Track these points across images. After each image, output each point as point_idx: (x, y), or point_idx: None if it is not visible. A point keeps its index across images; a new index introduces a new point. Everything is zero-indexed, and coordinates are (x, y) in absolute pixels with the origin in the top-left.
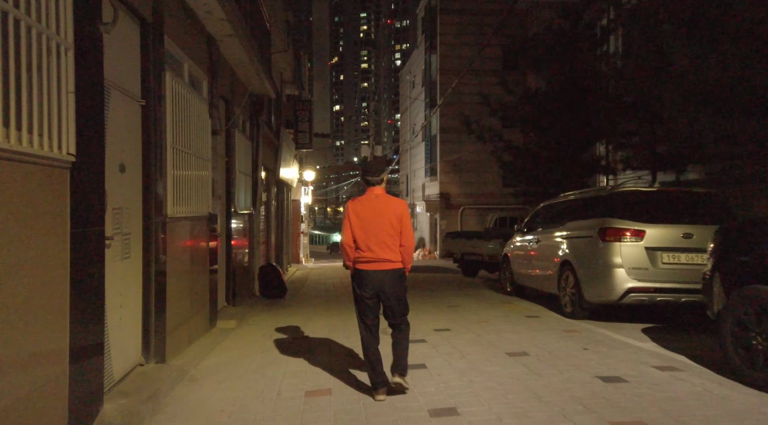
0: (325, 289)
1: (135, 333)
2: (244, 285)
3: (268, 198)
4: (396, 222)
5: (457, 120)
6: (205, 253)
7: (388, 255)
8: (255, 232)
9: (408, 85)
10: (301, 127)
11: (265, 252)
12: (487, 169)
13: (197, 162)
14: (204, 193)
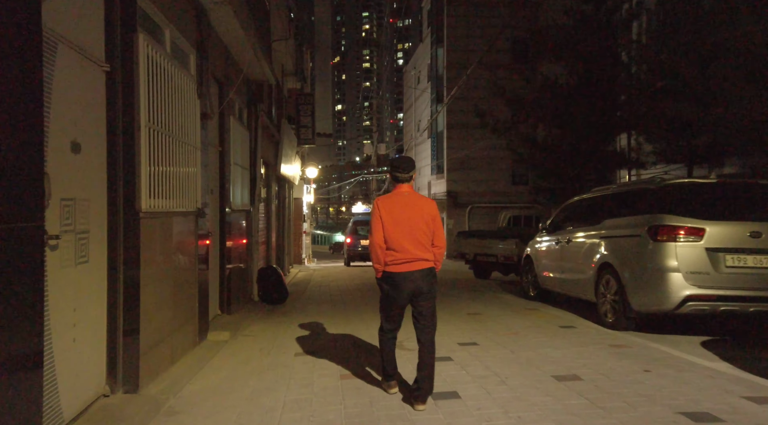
0: (329, 293)
1: (96, 356)
2: (241, 290)
3: (268, 195)
4: (430, 221)
5: (465, 115)
6: (193, 255)
7: (423, 254)
8: (253, 231)
9: (413, 81)
10: (303, 121)
11: (265, 253)
12: (496, 167)
13: (183, 148)
14: (192, 185)
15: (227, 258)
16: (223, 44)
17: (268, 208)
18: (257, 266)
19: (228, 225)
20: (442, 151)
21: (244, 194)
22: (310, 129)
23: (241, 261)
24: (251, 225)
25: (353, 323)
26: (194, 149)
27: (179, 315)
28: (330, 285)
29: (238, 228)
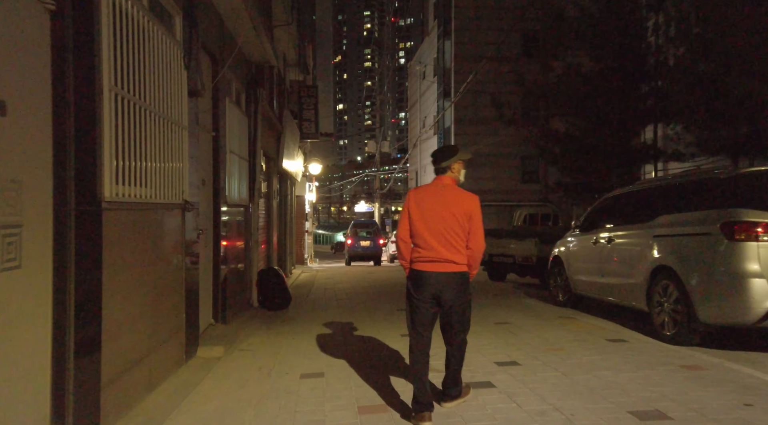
0: (335, 296)
1: (34, 393)
2: (239, 295)
3: (269, 190)
4: (464, 220)
5: (473, 110)
6: (180, 257)
7: (452, 256)
8: (252, 230)
9: (418, 76)
10: (306, 115)
11: (266, 254)
12: (504, 164)
13: (165, 127)
14: (177, 172)
15: (222, 260)
16: (217, 13)
17: (268, 204)
18: (256, 268)
19: (223, 222)
20: None
21: (242, 188)
22: (313, 123)
23: (238, 262)
24: (250, 222)
25: (367, 333)
26: (180, 129)
27: (161, 329)
28: (336, 288)
29: (235, 225)
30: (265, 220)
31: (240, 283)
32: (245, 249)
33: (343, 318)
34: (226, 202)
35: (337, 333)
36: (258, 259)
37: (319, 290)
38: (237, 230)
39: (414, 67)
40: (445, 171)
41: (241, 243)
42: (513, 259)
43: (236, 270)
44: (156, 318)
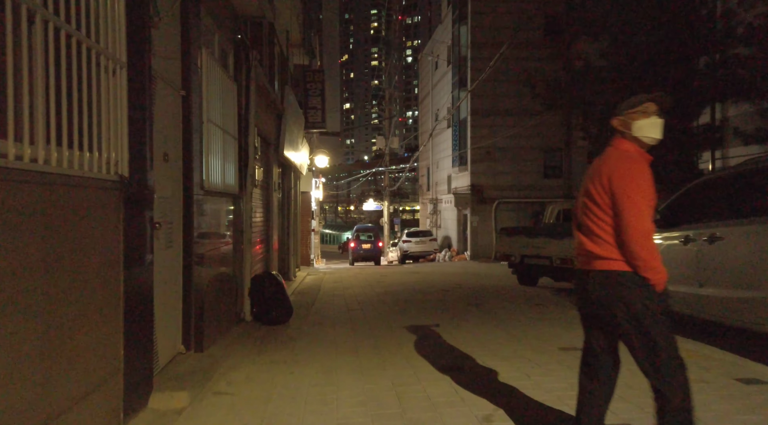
0: (346, 306)
1: None
2: (223, 308)
3: (267, 181)
4: (602, 192)
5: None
6: (113, 263)
7: (593, 247)
8: (244, 226)
9: (430, 67)
10: (312, 102)
11: (264, 255)
12: (525, 157)
13: (83, 56)
14: (106, 132)
15: (197, 264)
16: None
17: (267, 197)
18: (250, 273)
19: (199, 213)
20: (465, 141)
21: (228, 172)
22: (320, 111)
23: (222, 266)
24: (241, 217)
25: (395, 364)
26: (115, 66)
27: (72, 378)
28: (345, 294)
29: (218, 219)
30: (263, 216)
31: (225, 294)
32: (234, 250)
33: (357, 339)
34: (203, 187)
35: (352, 364)
36: (252, 262)
37: (327, 297)
38: (221, 226)
39: (426, 58)
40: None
41: (226, 242)
42: (549, 261)
43: (219, 277)
44: (58, 362)
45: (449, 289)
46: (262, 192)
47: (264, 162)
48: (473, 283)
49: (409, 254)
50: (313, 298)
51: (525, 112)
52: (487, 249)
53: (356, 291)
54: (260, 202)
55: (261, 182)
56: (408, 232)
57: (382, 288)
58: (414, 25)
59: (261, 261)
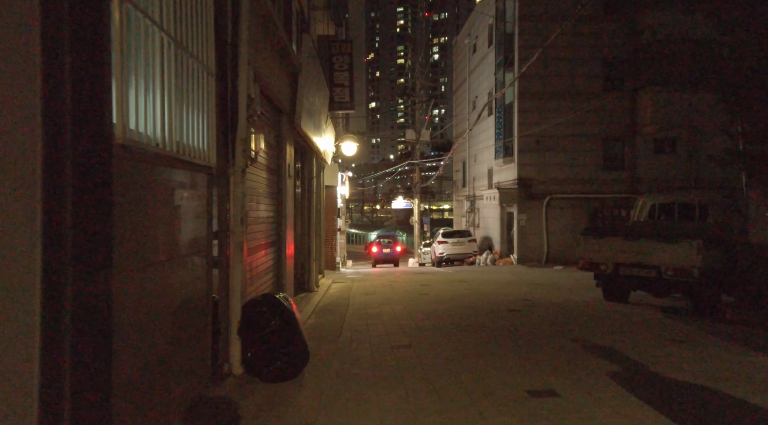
0: (386, 336)
1: None
2: (181, 364)
3: (276, 160)
4: None
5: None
6: None
7: None
8: (233, 222)
9: (466, 52)
10: (338, 78)
11: (273, 264)
12: (581, 147)
13: None
14: None
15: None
16: None
17: (279, 185)
18: (243, 295)
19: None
20: (510, 129)
21: (194, 127)
22: (347, 89)
23: (181, 288)
24: (226, 207)
25: None
26: None
27: None
28: (383, 315)
29: (169, 207)
30: (272, 209)
31: (188, 341)
32: (205, 262)
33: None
34: (121, 141)
35: None
36: (248, 278)
37: (358, 319)
38: (175, 218)
39: (462, 42)
40: None
41: (195, 248)
42: (656, 271)
43: (176, 309)
44: None
45: (519, 308)
46: (270, 177)
47: (273, 134)
48: (543, 297)
49: (445, 257)
50: (340, 322)
51: (580, 94)
52: (537, 251)
53: (396, 308)
54: (266, 190)
55: (267, 161)
56: (444, 232)
57: (429, 304)
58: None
59: (269, 273)
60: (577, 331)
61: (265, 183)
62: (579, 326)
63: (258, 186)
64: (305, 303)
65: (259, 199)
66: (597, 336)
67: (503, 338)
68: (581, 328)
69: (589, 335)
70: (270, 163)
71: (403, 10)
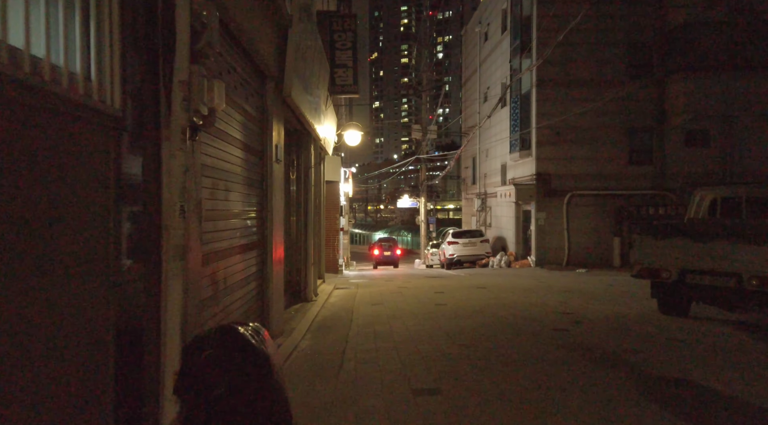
0: (403, 373)
1: None
2: None
3: (260, 138)
4: None
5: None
6: None
7: None
8: (166, 215)
9: (477, 40)
10: (339, 58)
11: (255, 272)
12: (604, 139)
13: None
14: None
15: None
16: None
17: (262, 170)
18: (182, 331)
19: None
20: (527, 120)
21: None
22: (350, 70)
23: None
24: (154, 192)
25: None
26: None
27: None
28: (394, 335)
29: None
30: (253, 202)
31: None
32: (104, 277)
33: None
34: None
35: None
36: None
37: (364, 343)
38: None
39: (472, 30)
40: None
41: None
42: (735, 280)
43: None
44: None
45: (564, 326)
46: (249, 157)
47: (254, 103)
48: (585, 309)
49: (455, 259)
50: (341, 344)
51: (604, 81)
52: (557, 253)
53: (410, 324)
54: (242, 174)
55: (245, 137)
56: (454, 232)
57: (450, 319)
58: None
59: (248, 284)
60: (657, 365)
61: (240, 165)
62: (655, 356)
63: (228, 167)
64: (300, 316)
65: (229, 185)
66: (689, 370)
67: (566, 380)
68: (661, 359)
69: (676, 369)
70: (249, 139)
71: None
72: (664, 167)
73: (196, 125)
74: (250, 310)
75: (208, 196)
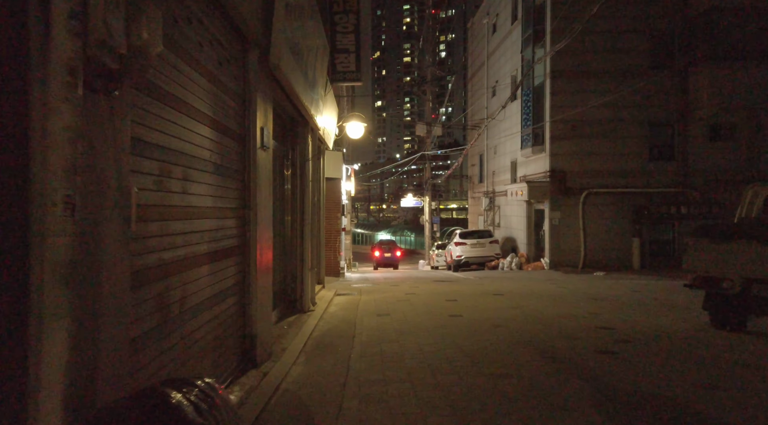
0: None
1: None
2: None
3: (241, 122)
4: None
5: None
6: None
7: None
8: (37, 209)
9: (485, 32)
10: (341, 42)
11: (233, 285)
12: (623, 133)
13: None
14: None
15: None
16: None
17: (240, 155)
18: (109, 383)
19: None
20: (541, 113)
21: None
22: (353, 55)
23: None
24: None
25: None
26: None
27: None
28: (405, 354)
29: None
30: (229, 196)
31: None
32: None
33: None
34: None
35: None
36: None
37: (368, 371)
38: None
39: (479, 22)
40: None
41: None
42: None
43: None
44: None
45: (609, 347)
46: (223, 140)
47: (232, 72)
48: (619, 322)
49: (463, 260)
50: (342, 372)
51: (623, 72)
52: (572, 254)
53: (423, 343)
54: (210, 159)
55: (214, 112)
56: (462, 232)
57: (469, 336)
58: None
59: (222, 301)
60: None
61: (210, 148)
62: (742, 397)
63: (189, 149)
64: (294, 331)
65: (191, 173)
66: None
67: None
68: (753, 403)
69: None
70: (225, 118)
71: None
72: (686, 163)
73: (110, 70)
74: (225, 334)
75: (152, 186)
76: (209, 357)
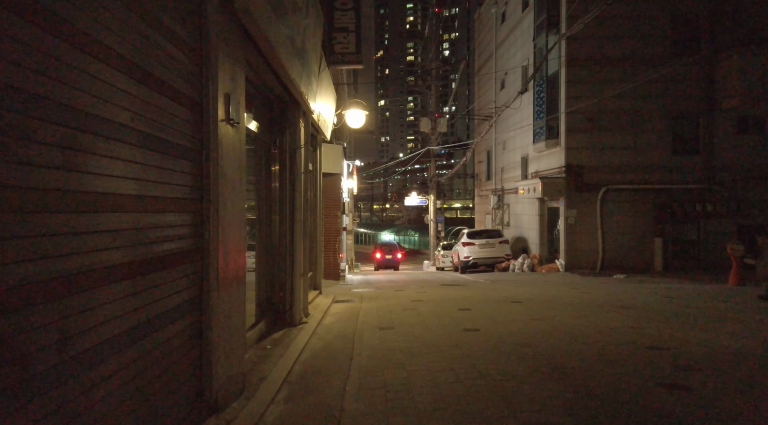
0: None
1: None
2: None
3: (195, 82)
4: None
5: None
6: None
7: None
8: None
9: (493, 22)
10: (339, 20)
11: (181, 304)
12: (644, 126)
13: None
14: None
15: None
16: None
17: (193, 125)
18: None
19: None
20: (555, 104)
21: None
22: (353, 34)
23: None
24: None
25: None
26: None
27: None
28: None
29: None
30: (177, 181)
31: None
32: None
33: None
34: None
35: None
36: None
37: (370, 421)
38: None
39: (486, 12)
40: None
41: None
42: None
43: None
44: None
45: (671, 378)
46: (157, 98)
47: (170, 3)
48: (670, 339)
49: (471, 262)
50: (332, 420)
51: (644, 59)
52: (589, 255)
53: (435, 369)
54: (136, 132)
55: (142, 58)
56: (469, 232)
57: (490, 359)
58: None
59: (165, 330)
60: None
61: (133, 110)
62: None
63: (85, 104)
64: (279, 353)
65: (90, 143)
66: None
67: None
68: None
69: None
70: (158, 69)
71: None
72: (712, 158)
73: None
74: (166, 374)
75: None
76: (134, 414)
